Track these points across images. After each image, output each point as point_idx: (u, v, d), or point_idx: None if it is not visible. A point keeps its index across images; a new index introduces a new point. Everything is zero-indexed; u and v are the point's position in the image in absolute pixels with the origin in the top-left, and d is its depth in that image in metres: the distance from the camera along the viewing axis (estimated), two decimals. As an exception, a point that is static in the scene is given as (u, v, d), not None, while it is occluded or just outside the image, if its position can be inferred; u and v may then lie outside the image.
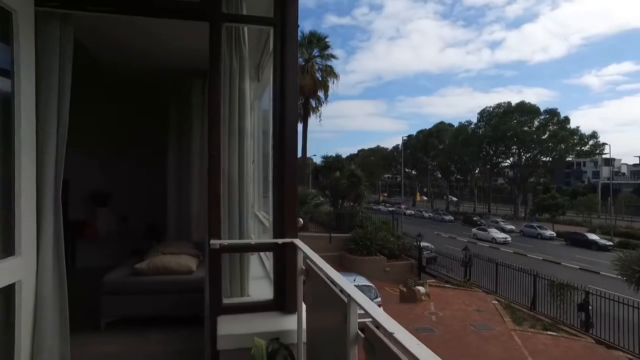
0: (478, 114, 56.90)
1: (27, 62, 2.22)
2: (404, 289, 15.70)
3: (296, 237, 2.50)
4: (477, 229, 38.11)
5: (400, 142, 66.00)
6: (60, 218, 2.42)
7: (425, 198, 65.21)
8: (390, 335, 0.98)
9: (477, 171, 60.62)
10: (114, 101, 6.25)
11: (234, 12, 2.62)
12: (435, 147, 62.59)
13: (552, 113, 50.75)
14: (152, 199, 6.29)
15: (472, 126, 57.95)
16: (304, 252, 2.19)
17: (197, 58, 4.81)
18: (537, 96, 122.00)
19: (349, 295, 1.31)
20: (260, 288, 2.98)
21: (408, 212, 48.27)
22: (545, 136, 50.31)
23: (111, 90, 6.21)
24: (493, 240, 34.56)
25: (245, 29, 2.76)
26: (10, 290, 2.10)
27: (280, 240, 2.47)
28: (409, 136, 67.01)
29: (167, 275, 3.94)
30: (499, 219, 44.11)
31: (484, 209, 57.17)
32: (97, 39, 4.25)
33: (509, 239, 35.11)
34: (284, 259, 2.52)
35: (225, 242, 2.52)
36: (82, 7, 2.44)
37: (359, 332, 1.35)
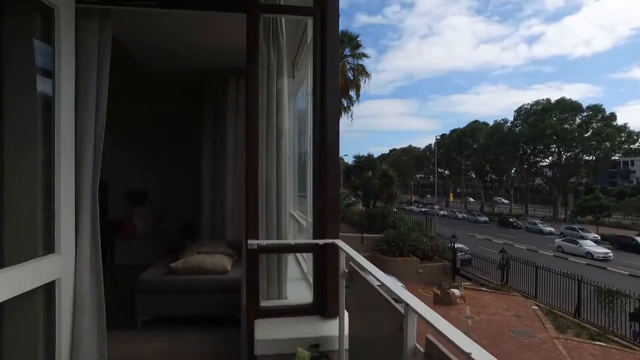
0: (515, 111, 54.93)
1: (68, 61, 2.20)
2: (438, 291, 15.27)
3: (337, 237, 2.38)
4: (562, 240, 30.78)
5: (432, 141, 64.84)
6: (97, 217, 2.39)
7: (459, 198, 63.68)
8: (466, 357, 0.83)
9: (513, 171, 58.55)
10: (149, 100, 6.33)
11: (271, 2, 2.52)
12: (469, 147, 60.94)
13: (596, 109, 48.20)
14: (187, 198, 6.34)
15: (508, 124, 56.03)
16: (346, 254, 2.06)
17: (232, 56, 4.80)
18: (579, 92, 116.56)
19: (407, 305, 1.16)
20: (298, 290, 2.88)
21: (441, 212, 47.17)
22: (588, 134, 47.83)
23: (146, 89, 6.29)
24: (589, 255, 27.18)
25: (283, 20, 2.66)
26: (50, 287, 2.08)
27: (321, 241, 2.35)
28: (442, 135, 65.61)
29: (202, 275, 3.91)
30: (537, 221, 42.37)
31: (520, 210, 55.14)
32: (134, 38, 4.27)
33: (611, 254, 27.60)
34: (325, 260, 2.39)
35: (264, 242, 2.43)
36: (121, 3, 2.41)
37: (417, 345, 1.20)
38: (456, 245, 20.70)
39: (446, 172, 68.18)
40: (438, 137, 52.51)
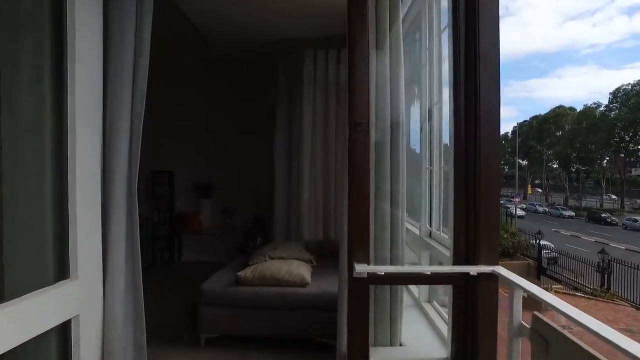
0: (610, 94, 48.64)
1: (90, 32, 1.49)
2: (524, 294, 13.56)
3: (497, 263, 1.46)
4: None
5: (509, 130, 60.27)
6: (136, 228, 1.68)
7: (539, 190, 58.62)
8: None
9: (605, 161, 52.41)
10: (215, 83, 5.75)
11: None
12: (551, 134, 55.53)
13: None
14: (258, 191, 5.70)
15: (601, 109, 50.05)
16: (528, 293, 1.14)
17: (310, 22, 4.02)
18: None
19: None
20: (412, 329, 2.00)
21: (520, 205, 43.51)
22: (703, 117, 41.24)
23: (212, 69, 5.72)
24: None
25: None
26: (64, 328, 1.40)
27: (472, 269, 1.45)
28: (521, 123, 60.60)
29: (276, 287, 3.17)
30: (638, 217, 37.36)
31: (614, 205, 49.24)
32: (195, 5, 3.63)
33: None
34: (475, 299, 1.49)
35: (380, 269, 1.56)
36: None
37: None
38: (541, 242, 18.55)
39: (524, 162, 62.95)
40: (516, 125, 48.38)
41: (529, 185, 56.02)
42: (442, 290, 2.23)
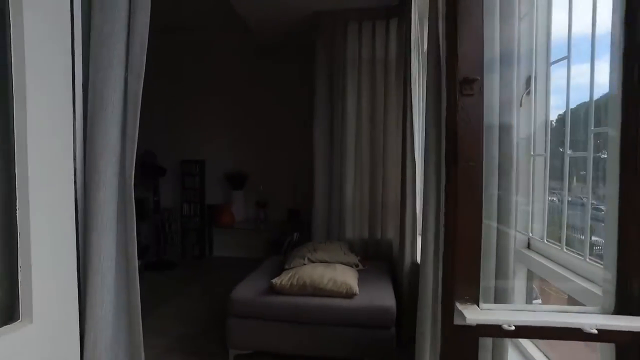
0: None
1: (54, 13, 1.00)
2: None
3: None
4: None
5: None
6: (133, 243, 1.18)
7: None
8: None
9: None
10: (247, 64, 5.28)
11: None
12: None
13: None
14: (296, 182, 5.21)
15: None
16: None
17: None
18: None
19: None
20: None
21: None
22: None
23: (248, 54, 5.24)
24: None
25: None
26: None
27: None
28: None
29: (317, 298, 2.66)
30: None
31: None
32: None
33: None
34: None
35: (501, 317, 0.97)
36: None
37: None
38: None
39: None
40: None
41: None
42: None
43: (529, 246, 1.70)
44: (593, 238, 1.32)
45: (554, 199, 1.58)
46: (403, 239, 3.10)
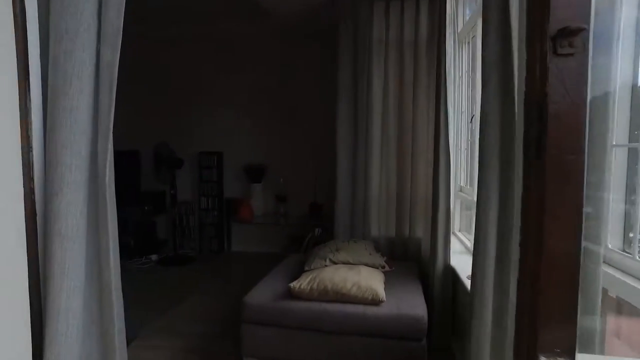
0: None
1: None
2: None
3: None
4: None
5: None
6: (116, 256, 0.94)
7: None
8: None
9: None
10: (270, 56, 5.01)
11: None
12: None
13: None
14: (317, 175, 4.95)
15: None
16: None
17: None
18: None
19: None
20: None
21: None
22: None
23: (267, 40, 4.98)
24: None
25: None
26: None
27: None
28: None
29: (340, 304, 2.39)
30: None
31: None
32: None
33: None
34: None
35: None
36: None
37: None
38: None
39: None
40: None
41: None
42: None
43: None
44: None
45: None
46: (435, 238, 2.80)
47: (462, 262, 2.74)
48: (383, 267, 2.90)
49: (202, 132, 5.28)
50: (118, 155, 4.70)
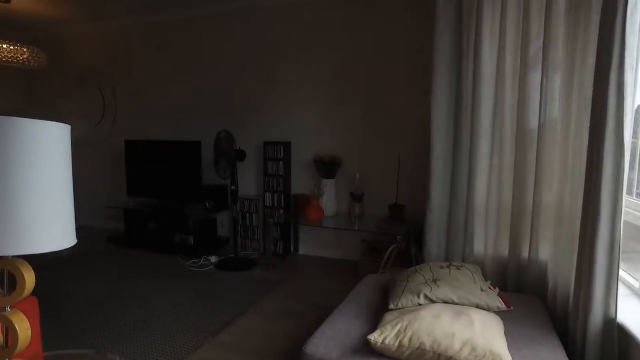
0: None
1: None
2: None
3: None
4: None
5: None
6: None
7: None
8: None
9: None
10: (345, 31, 4.25)
11: None
12: None
13: None
14: (402, 172, 4.15)
15: None
16: None
17: None
18: None
19: None
20: None
21: None
22: None
23: (340, 10, 4.22)
24: None
25: None
26: None
27: None
28: None
29: (443, 371, 1.61)
30: None
31: None
32: None
33: None
34: None
35: None
36: None
37: None
38: None
39: None
40: None
41: None
42: None
43: None
44: None
45: None
46: (588, 276, 1.87)
47: (635, 314, 1.79)
48: (498, 307, 2.05)
49: (268, 120, 4.71)
50: (178, 146, 4.23)
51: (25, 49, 4.39)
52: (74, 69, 5.90)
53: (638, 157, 2.04)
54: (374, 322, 1.92)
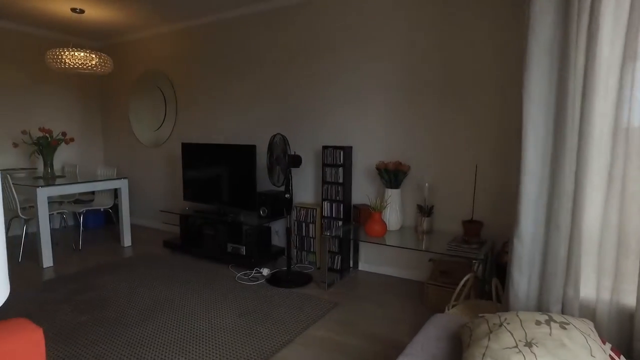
0: None
1: None
2: None
3: None
4: None
5: None
6: None
7: None
8: None
9: None
10: (414, 20, 3.71)
11: None
12: None
13: None
14: (478, 181, 3.54)
15: None
16: None
17: None
18: None
19: None
20: None
21: None
22: None
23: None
24: None
25: None
26: None
27: None
28: None
29: None
30: None
31: None
32: None
33: None
34: None
35: None
36: None
37: None
38: None
39: None
40: None
41: None
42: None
43: None
44: None
45: None
46: None
47: None
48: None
49: (327, 122, 4.32)
50: (232, 149, 3.95)
51: (93, 55, 4.44)
52: (138, 73, 6.00)
53: None
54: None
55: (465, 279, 2.66)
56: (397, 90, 3.86)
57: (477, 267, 3.00)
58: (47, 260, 4.33)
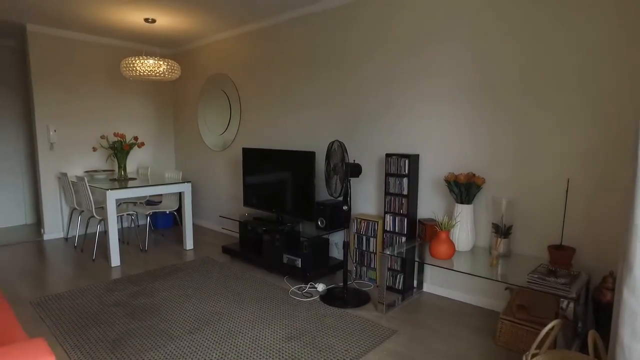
0: None
1: None
2: None
3: None
4: None
5: None
6: None
7: None
8: None
9: None
10: (494, 10, 3.24)
11: None
12: None
13: None
14: (569, 198, 3.00)
15: None
16: None
17: None
18: None
19: None
20: None
21: None
22: None
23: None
24: None
25: None
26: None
27: None
28: None
29: None
30: None
31: None
32: None
33: None
34: None
35: None
36: None
37: None
38: None
39: None
40: None
41: None
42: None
43: None
44: None
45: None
46: None
47: None
48: None
49: (391, 128, 3.97)
50: (290, 156, 3.38)
51: (162, 62, 4.54)
52: (205, 77, 6.11)
53: None
54: None
55: (550, 326, 2.19)
56: (472, 92, 3.41)
57: (566, 307, 2.48)
58: (115, 260, 4.50)
